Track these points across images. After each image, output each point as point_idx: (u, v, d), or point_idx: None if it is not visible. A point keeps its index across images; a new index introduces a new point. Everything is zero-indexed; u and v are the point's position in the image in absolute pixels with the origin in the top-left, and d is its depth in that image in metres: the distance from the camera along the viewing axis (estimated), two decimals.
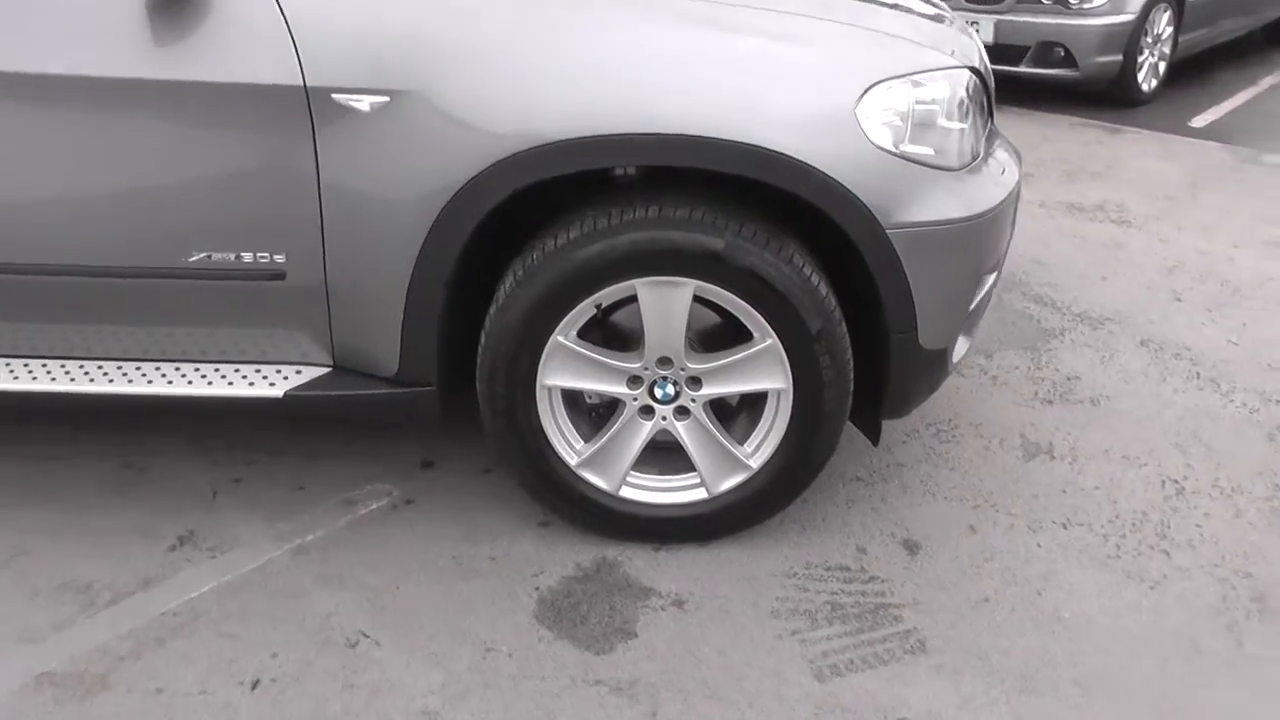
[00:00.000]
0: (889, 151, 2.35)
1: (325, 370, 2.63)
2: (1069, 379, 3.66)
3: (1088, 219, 5.20)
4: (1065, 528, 2.85)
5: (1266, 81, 8.49)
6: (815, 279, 2.42)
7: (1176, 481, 3.08)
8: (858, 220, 2.36)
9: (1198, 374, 3.71)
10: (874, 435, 2.75)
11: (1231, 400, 3.55)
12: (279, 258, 2.45)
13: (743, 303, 2.42)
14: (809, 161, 2.29)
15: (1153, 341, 3.96)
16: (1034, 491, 3.01)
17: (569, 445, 2.64)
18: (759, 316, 2.43)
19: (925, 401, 2.79)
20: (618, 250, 2.36)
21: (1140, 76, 7.45)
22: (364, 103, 2.28)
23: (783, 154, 2.29)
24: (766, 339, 2.46)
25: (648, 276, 2.39)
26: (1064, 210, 5.32)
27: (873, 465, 3.11)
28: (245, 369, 2.62)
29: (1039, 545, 2.78)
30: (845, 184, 2.32)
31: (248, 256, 2.44)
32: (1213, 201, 5.55)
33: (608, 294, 2.43)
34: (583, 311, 2.45)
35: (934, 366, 2.62)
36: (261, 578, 2.63)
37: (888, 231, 2.37)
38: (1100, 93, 7.46)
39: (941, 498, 2.96)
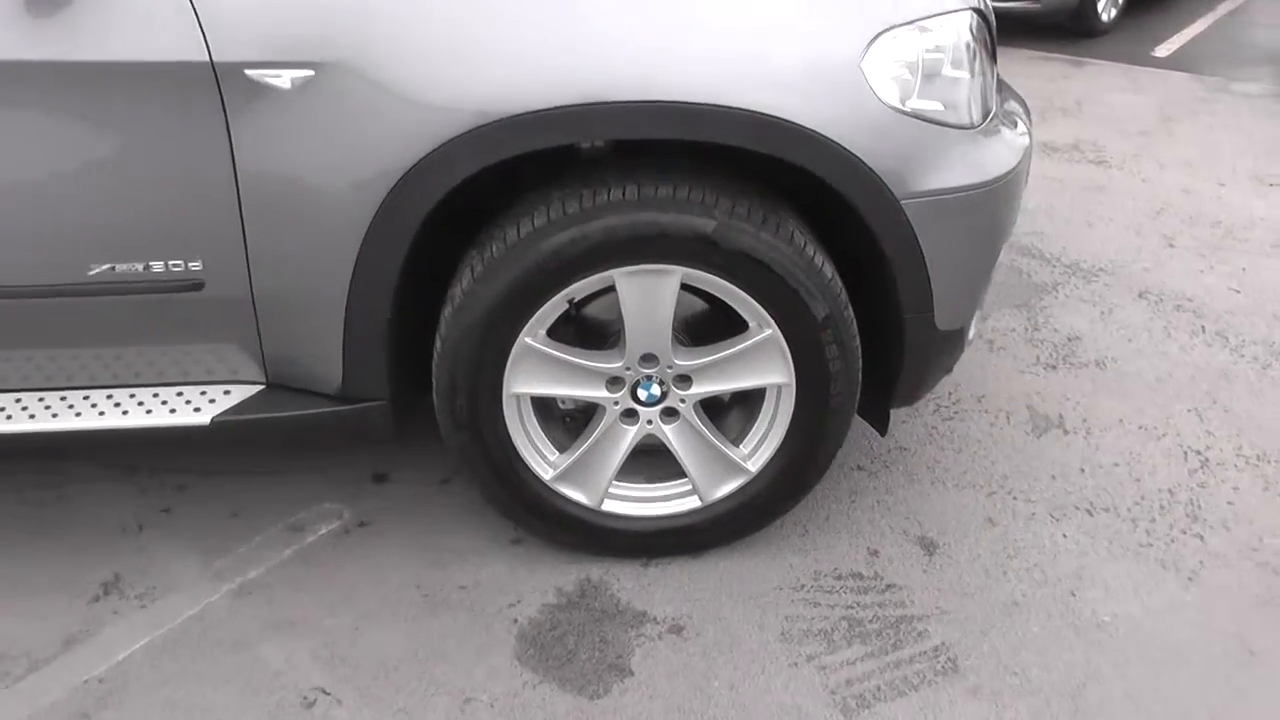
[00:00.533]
0: (899, 110, 2.04)
1: (258, 389, 2.28)
2: (1069, 340, 3.41)
3: (1065, 160, 4.94)
4: (1090, 513, 2.61)
5: (1224, 7, 8.29)
6: (819, 260, 2.12)
7: (1199, 452, 2.84)
8: (868, 191, 2.05)
9: (1203, 327, 3.48)
10: (881, 425, 2.47)
11: (1242, 355, 3.32)
12: (194, 265, 2.09)
13: (738, 290, 2.11)
14: (811, 126, 1.98)
15: (1151, 293, 3.72)
16: (1050, 472, 2.76)
17: (542, 458, 2.32)
18: (757, 305, 2.12)
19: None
20: (591, 238, 2.03)
21: (1100, 6, 7.19)
22: (283, 78, 1.92)
23: (781, 119, 1.96)
24: (765, 329, 2.16)
25: (627, 266, 2.07)
26: (1039, 151, 5.05)
27: (874, 451, 2.83)
28: (166, 393, 2.27)
29: (1064, 536, 2.53)
30: (854, 151, 2.01)
31: (158, 266, 2.08)
32: (1189, 135, 5.32)
33: (581, 288, 2.10)
34: (552, 308, 2.13)
35: (950, 348, 2.34)
36: (200, 628, 2.30)
37: (902, 203, 2.06)
38: (1059, 25, 7.19)
39: (953, 485, 2.70)
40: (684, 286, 2.13)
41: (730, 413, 2.45)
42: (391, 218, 2.02)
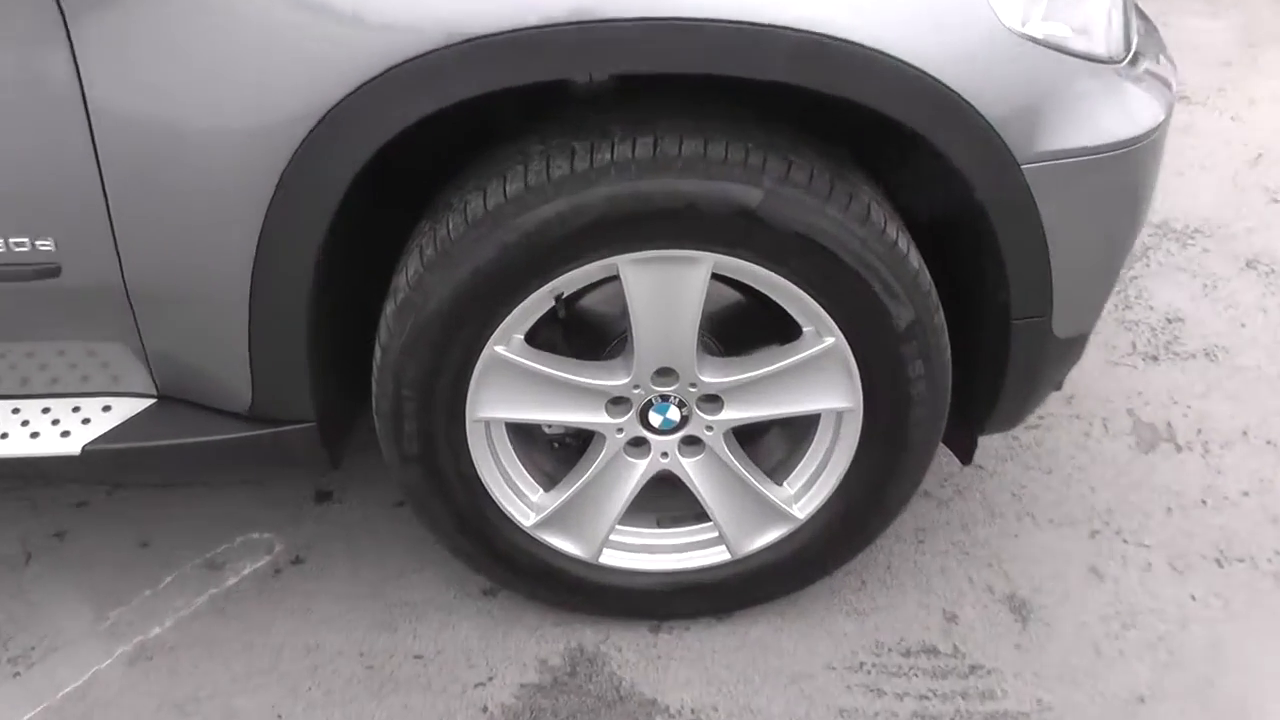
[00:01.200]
0: (1022, 35, 1.44)
1: (147, 403, 1.71)
2: (1170, 321, 2.81)
3: None
4: (1220, 564, 2.04)
5: None
6: (904, 245, 1.53)
7: None
8: (976, 149, 1.45)
9: None
10: (965, 453, 1.89)
11: None
12: (44, 244, 1.51)
13: (791, 286, 1.52)
14: (905, 58, 1.37)
15: (1260, 261, 3.11)
16: (1165, 503, 2.19)
17: (520, 499, 1.76)
18: (816, 306, 1.54)
19: None
20: (588, 211, 1.44)
21: None
22: None
23: (859, 46, 1.36)
24: (826, 338, 1.57)
25: (638, 250, 1.48)
26: None
27: (944, 471, 2.26)
28: (29, 409, 1.69)
29: (1193, 598, 1.96)
30: (958, 90, 1.41)
31: None
32: (1277, 66, 4.65)
33: (572, 279, 1.52)
34: (532, 307, 1.55)
35: (1066, 360, 1.76)
36: (82, 709, 1.76)
37: (1024, 167, 1.46)
38: None
39: (1045, 520, 2.13)
40: (715, 276, 1.55)
41: (768, 433, 1.87)
42: (306, 178, 1.43)
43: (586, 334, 1.72)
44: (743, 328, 1.73)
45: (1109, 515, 2.15)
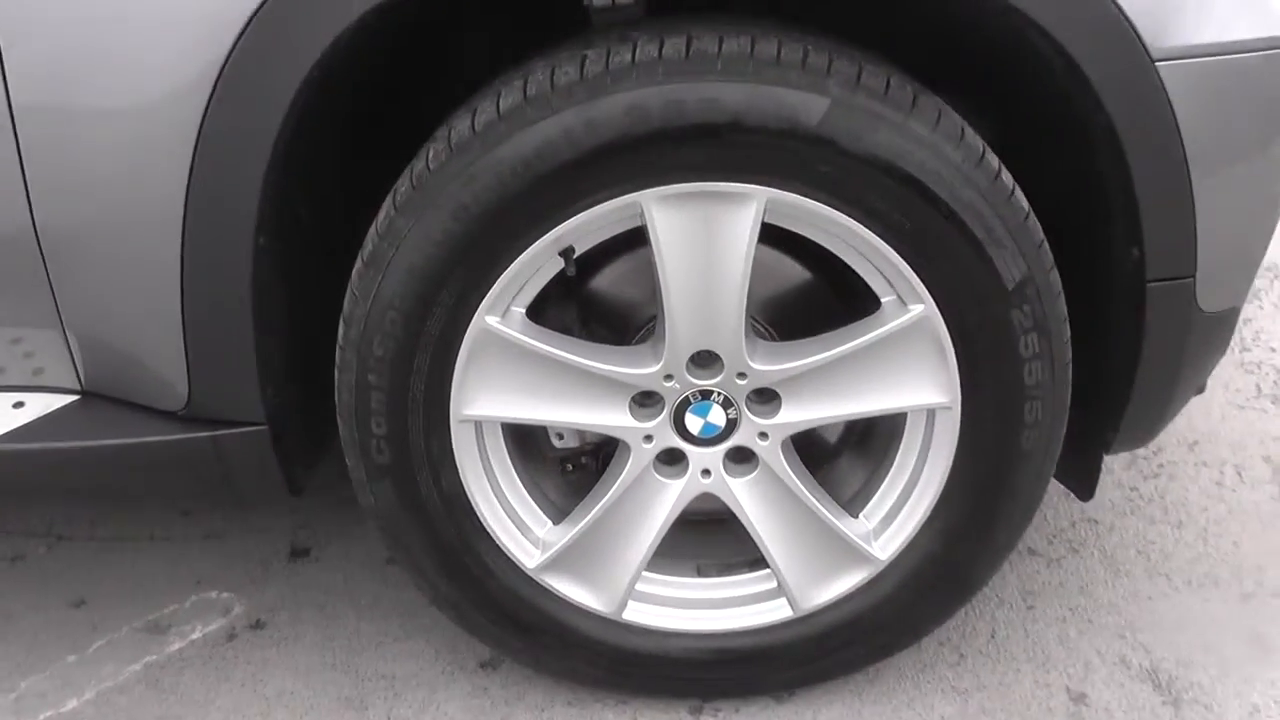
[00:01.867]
0: None
1: (67, 400, 1.37)
2: None
3: None
4: None
5: None
6: (1008, 180, 1.18)
7: None
8: (1107, 43, 1.11)
9: None
10: (1087, 486, 1.49)
11: None
12: None
13: (864, 232, 1.16)
14: None
15: None
16: None
17: (522, 532, 1.38)
18: (900, 261, 1.18)
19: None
20: (604, 126, 1.10)
21: None
22: None
23: None
24: (912, 306, 1.21)
25: (668, 183, 1.14)
26: None
27: (1051, 526, 1.85)
28: None
29: None
30: None
31: None
32: None
33: (584, 227, 1.17)
34: (534, 265, 1.20)
35: (1213, 346, 1.38)
36: None
37: (1158, 65, 1.12)
38: None
39: (1182, 582, 1.71)
40: (764, 237, 1.20)
41: (839, 460, 1.49)
42: (241, 91, 1.11)
43: (606, 320, 1.37)
44: (802, 314, 1.37)
45: (1261, 574, 1.72)
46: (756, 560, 1.42)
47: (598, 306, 1.37)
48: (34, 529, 1.94)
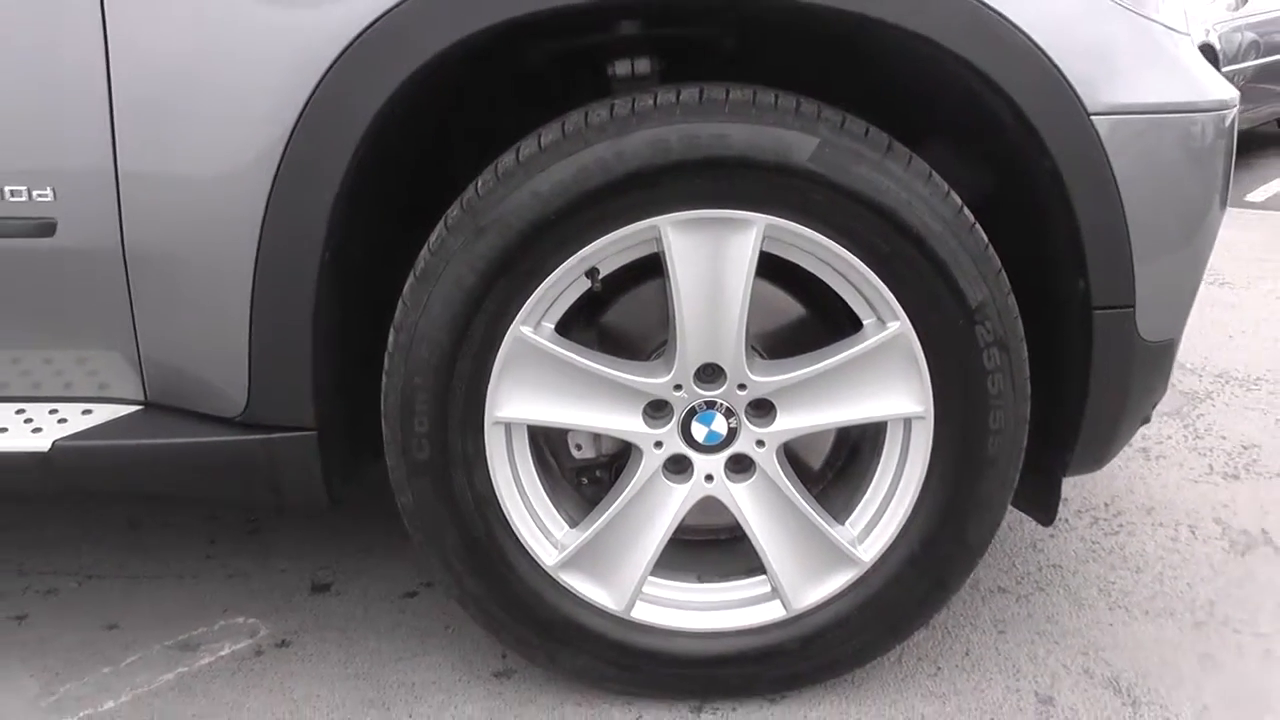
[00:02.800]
0: None
1: (131, 410, 1.53)
2: (1245, 448, 2.60)
3: None
4: None
5: None
6: (969, 215, 1.39)
7: None
8: (1049, 100, 1.34)
9: None
10: (1045, 508, 1.65)
11: None
12: (43, 194, 1.39)
13: (849, 257, 1.37)
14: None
15: None
16: (1275, 598, 1.91)
17: (542, 531, 1.53)
18: (878, 283, 1.38)
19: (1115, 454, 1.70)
20: (629, 159, 1.31)
21: None
22: None
23: None
24: (889, 323, 1.40)
25: (683, 209, 1.34)
26: None
27: (1018, 569, 2.00)
28: (2, 410, 1.52)
29: None
30: (1036, 39, 1.31)
31: None
32: None
33: (608, 248, 1.37)
34: (563, 282, 1.39)
35: (1155, 374, 1.56)
36: None
37: (1093, 117, 1.35)
38: None
39: (1140, 612, 1.86)
40: (762, 272, 1.40)
41: (826, 485, 1.66)
42: (319, 130, 1.32)
43: (623, 342, 1.55)
44: (793, 345, 1.55)
45: (1211, 607, 1.87)
46: (752, 569, 1.56)
47: (614, 335, 1.55)
48: (64, 568, 2.06)
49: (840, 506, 1.57)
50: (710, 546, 1.68)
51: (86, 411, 1.51)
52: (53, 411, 1.51)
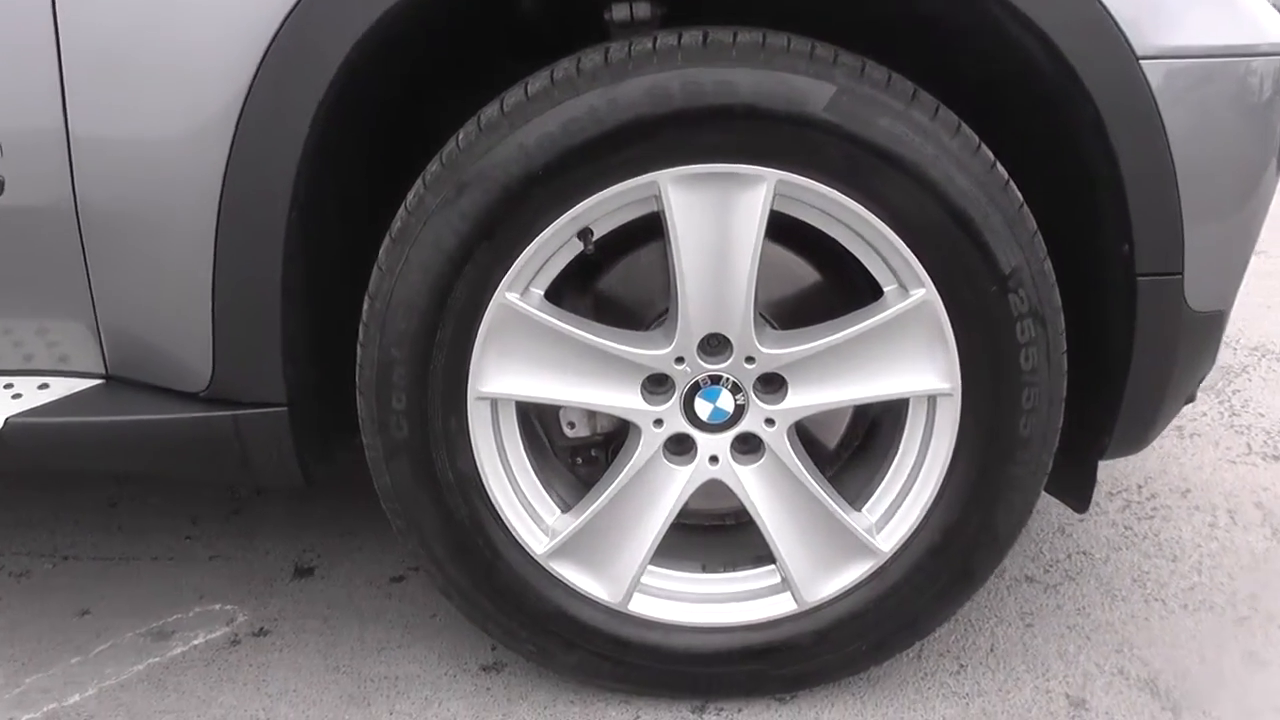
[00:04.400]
0: None
1: (91, 384, 1.41)
2: None
3: None
4: None
5: None
6: (1002, 171, 1.25)
7: None
8: (1089, 41, 1.20)
9: None
10: (1081, 494, 1.52)
11: None
12: None
13: (870, 218, 1.23)
14: None
15: None
16: None
17: (532, 517, 1.41)
18: (901, 247, 1.24)
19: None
20: (624, 107, 1.18)
21: None
22: None
23: None
24: (913, 290, 1.27)
25: (685, 164, 1.21)
26: None
27: (1046, 557, 1.87)
28: None
29: None
30: None
31: None
32: None
33: (602, 206, 1.24)
34: (553, 244, 1.27)
35: (1203, 349, 1.43)
36: None
37: (1142, 63, 1.21)
38: None
39: (1178, 606, 1.73)
40: (771, 234, 1.26)
41: (841, 468, 1.54)
42: (282, 73, 1.19)
43: (621, 310, 1.43)
44: (807, 313, 1.42)
45: (1254, 600, 1.74)
46: (760, 557, 1.44)
47: (610, 302, 1.42)
48: (39, 549, 1.96)
49: (857, 490, 1.45)
50: (715, 532, 1.56)
51: (43, 386, 1.40)
52: (8, 386, 1.40)
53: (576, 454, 1.49)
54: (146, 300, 1.32)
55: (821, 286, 1.43)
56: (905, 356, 1.30)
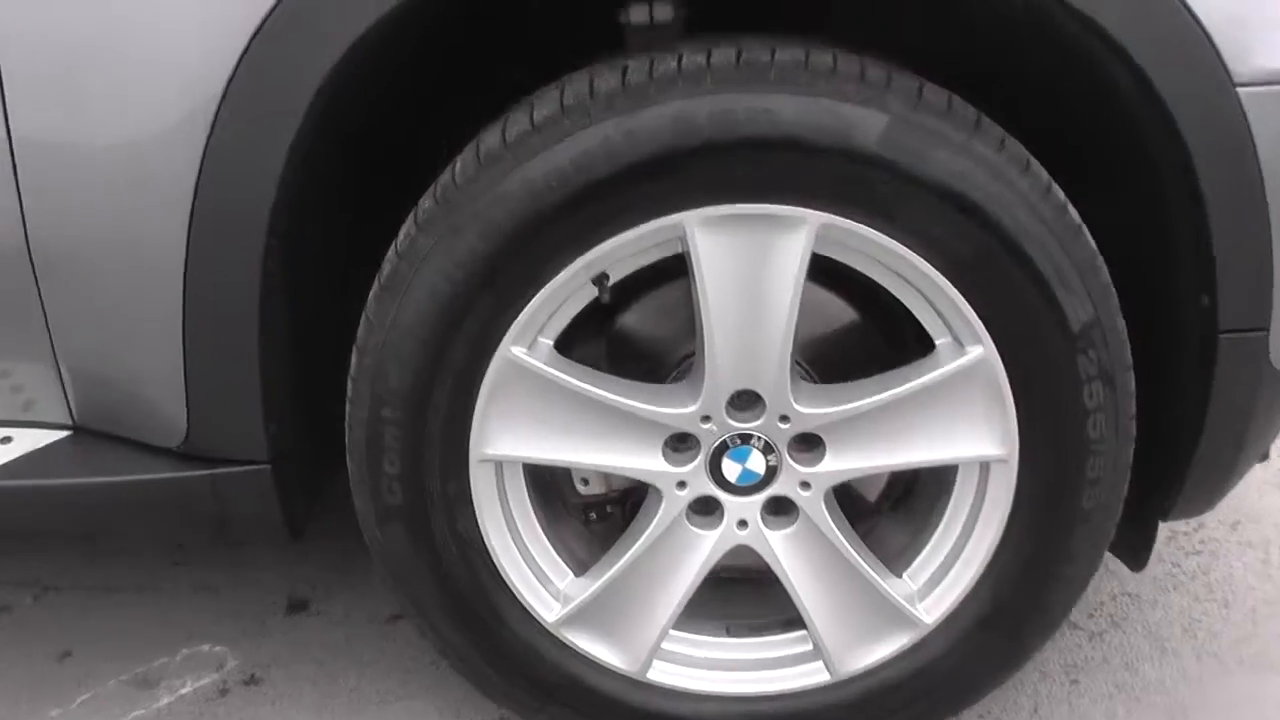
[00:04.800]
0: None
1: (57, 436, 1.29)
2: None
3: None
4: None
5: None
6: (1075, 215, 1.10)
7: None
8: (1186, 66, 1.05)
9: None
10: (1138, 554, 1.39)
11: None
12: None
13: (922, 264, 1.09)
14: None
15: None
16: None
17: (541, 581, 1.28)
18: (959, 299, 1.10)
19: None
20: (648, 137, 1.04)
21: None
22: None
23: None
24: (971, 348, 1.13)
25: (714, 204, 1.07)
26: None
27: (1088, 599, 1.74)
28: None
29: None
30: None
31: None
32: None
33: (621, 250, 1.10)
34: (566, 291, 1.13)
35: None
36: None
37: (1240, 91, 1.05)
38: None
39: (1231, 660, 1.60)
40: (809, 270, 1.12)
41: (880, 522, 1.40)
42: (260, 91, 1.05)
43: (639, 358, 1.29)
44: (846, 357, 1.28)
45: None
46: (791, 620, 1.32)
47: (628, 342, 1.29)
48: (21, 578, 1.84)
49: (897, 549, 1.32)
50: (740, 585, 1.43)
51: (5, 440, 1.27)
52: None
53: (590, 509, 1.36)
54: (111, 344, 1.19)
55: (863, 328, 1.28)
56: (958, 419, 1.17)
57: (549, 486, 1.34)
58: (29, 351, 1.21)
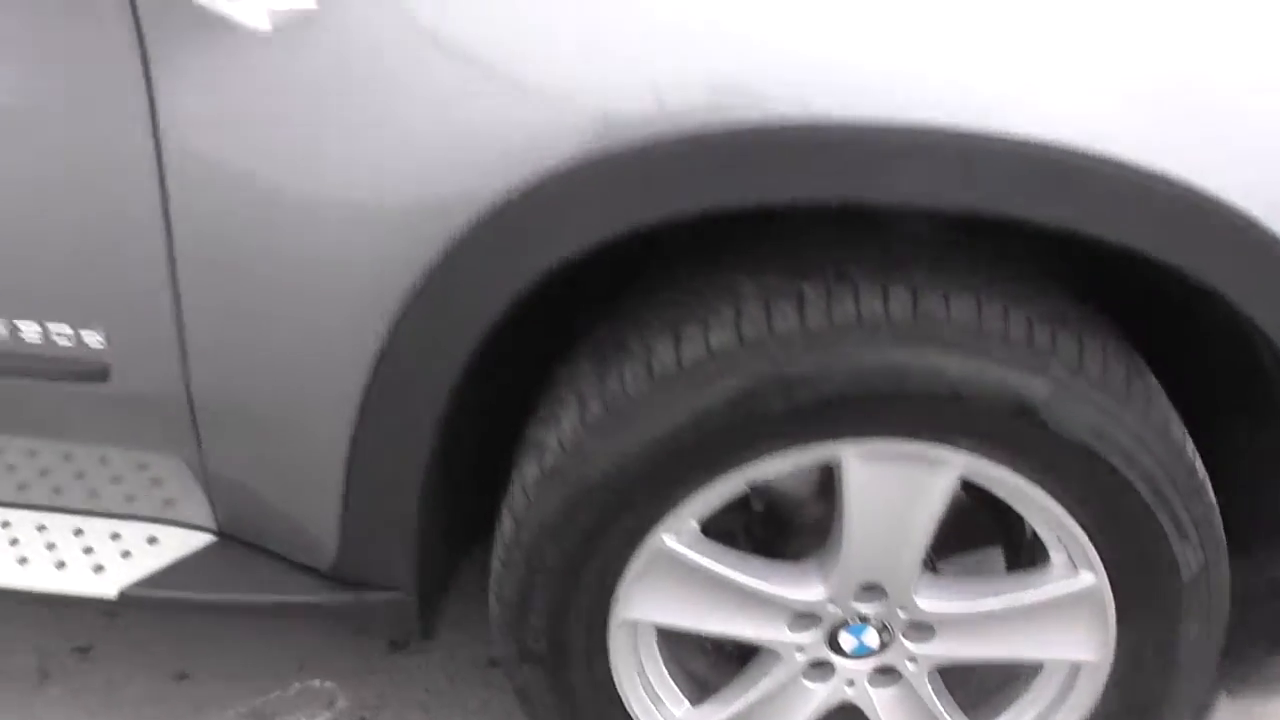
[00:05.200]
0: None
1: (203, 541, 1.37)
2: None
3: None
4: None
5: None
6: (1201, 471, 1.17)
7: None
8: None
9: None
10: None
11: None
12: (93, 337, 1.20)
13: (1054, 505, 1.16)
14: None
15: None
16: None
17: (659, 708, 1.39)
18: (1081, 534, 1.18)
19: None
20: (822, 385, 1.10)
21: None
22: (259, 9, 1.01)
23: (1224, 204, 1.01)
24: (1083, 573, 1.21)
25: (869, 439, 1.14)
26: None
27: None
28: (58, 527, 1.38)
29: None
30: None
31: (30, 331, 1.19)
32: None
33: (775, 469, 1.17)
34: (721, 495, 1.20)
35: None
36: None
37: None
38: None
39: None
40: None
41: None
42: (451, 290, 1.11)
43: (770, 521, 1.37)
44: (954, 530, 1.36)
45: None
46: None
47: (763, 528, 1.37)
48: None
49: (982, 700, 1.42)
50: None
51: (152, 540, 1.36)
52: (115, 537, 1.36)
53: (709, 641, 1.46)
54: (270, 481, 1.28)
55: (981, 520, 1.36)
56: (1060, 629, 1.26)
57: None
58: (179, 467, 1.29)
